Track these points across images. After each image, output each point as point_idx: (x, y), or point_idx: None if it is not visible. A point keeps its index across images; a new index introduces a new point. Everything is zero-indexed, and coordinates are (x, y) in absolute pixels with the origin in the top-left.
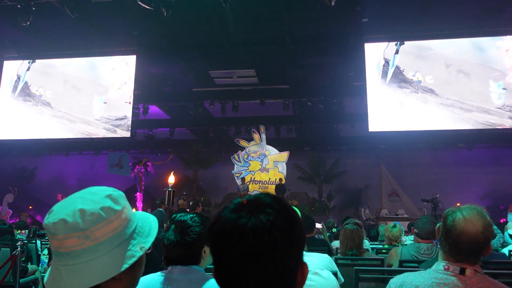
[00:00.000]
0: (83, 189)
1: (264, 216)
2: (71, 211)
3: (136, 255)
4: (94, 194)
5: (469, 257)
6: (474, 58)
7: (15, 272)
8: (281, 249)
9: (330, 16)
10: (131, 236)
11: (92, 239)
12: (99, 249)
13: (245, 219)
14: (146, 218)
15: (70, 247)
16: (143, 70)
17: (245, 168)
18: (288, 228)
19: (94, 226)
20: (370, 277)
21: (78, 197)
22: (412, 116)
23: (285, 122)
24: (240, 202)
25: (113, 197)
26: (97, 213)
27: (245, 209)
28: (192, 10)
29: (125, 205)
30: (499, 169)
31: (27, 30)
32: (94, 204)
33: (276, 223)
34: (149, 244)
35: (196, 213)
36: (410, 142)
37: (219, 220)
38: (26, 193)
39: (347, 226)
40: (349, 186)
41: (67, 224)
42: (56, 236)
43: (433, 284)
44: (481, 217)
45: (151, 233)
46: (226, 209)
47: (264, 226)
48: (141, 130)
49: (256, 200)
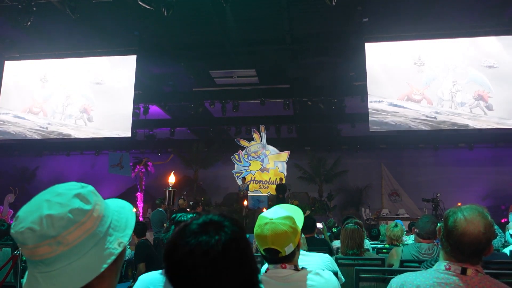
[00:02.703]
0: (50, 187)
1: (226, 234)
2: (38, 218)
3: (115, 252)
4: (60, 196)
5: (470, 258)
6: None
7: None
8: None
9: (331, 15)
10: (106, 232)
11: (65, 244)
12: (74, 253)
13: (213, 237)
14: (121, 208)
15: (43, 255)
16: (144, 70)
17: (246, 168)
18: (244, 244)
19: (65, 231)
20: (371, 277)
21: (43, 200)
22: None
23: (286, 122)
24: (195, 223)
25: (82, 196)
26: (66, 217)
27: (207, 228)
28: (192, 10)
29: (96, 201)
30: (500, 169)
31: (28, 30)
32: (62, 207)
33: (236, 244)
34: (128, 237)
35: (197, 213)
36: (411, 142)
37: (182, 242)
38: (27, 193)
39: (348, 225)
40: (350, 186)
41: (35, 233)
42: (25, 245)
43: (435, 284)
44: (482, 218)
45: (128, 225)
46: (188, 230)
47: (228, 247)
48: (141, 130)
49: (212, 220)
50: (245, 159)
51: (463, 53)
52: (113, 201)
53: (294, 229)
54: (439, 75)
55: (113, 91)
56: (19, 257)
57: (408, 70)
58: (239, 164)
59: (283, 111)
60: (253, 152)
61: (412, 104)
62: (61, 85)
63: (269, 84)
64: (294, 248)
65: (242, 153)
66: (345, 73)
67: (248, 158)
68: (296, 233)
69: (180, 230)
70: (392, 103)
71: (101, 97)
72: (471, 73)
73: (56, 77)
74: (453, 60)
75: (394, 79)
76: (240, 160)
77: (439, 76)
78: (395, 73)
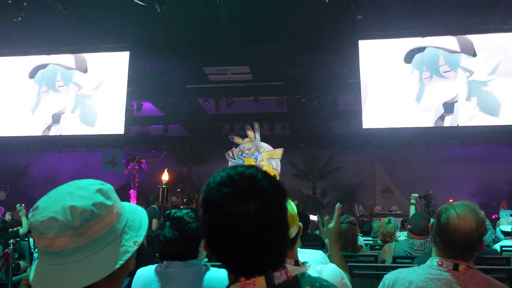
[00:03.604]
0: (69, 182)
1: (257, 200)
2: (61, 208)
3: (130, 250)
4: (83, 189)
5: (463, 254)
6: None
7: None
8: (281, 221)
9: (325, 13)
10: (123, 231)
11: (86, 237)
12: (93, 246)
13: (251, 205)
14: (135, 210)
15: (61, 246)
16: (137, 66)
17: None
18: (279, 207)
19: (87, 224)
20: (364, 273)
21: (66, 192)
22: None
23: (279, 119)
24: (230, 183)
25: (104, 192)
26: (89, 209)
27: (243, 193)
28: (186, 6)
29: (115, 199)
30: (491, 166)
31: (18, 26)
32: (85, 200)
33: (275, 200)
34: (142, 238)
35: (191, 208)
36: (404, 139)
37: (220, 208)
38: (19, 190)
39: (341, 225)
40: (343, 183)
41: (58, 223)
42: (46, 235)
43: (427, 279)
44: (474, 214)
45: (142, 226)
46: (222, 195)
47: (267, 208)
48: (134, 127)
49: (247, 178)
50: (239, 156)
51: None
52: (126, 203)
53: (294, 213)
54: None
55: (106, 88)
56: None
57: (402, 67)
58: (233, 161)
59: (277, 108)
60: (247, 149)
61: (406, 102)
62: (52, 81)
63: (263, 81)
64: (297, 231)
65: (236, 150)
66: (338, 70)
67: (242, 155)
68: (296, 218)
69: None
70: (385, 101)
71: (93, 94)
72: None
73: (47, 73)
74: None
75: (388, 77)
76: (234, 157)
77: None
78: (388, 71)
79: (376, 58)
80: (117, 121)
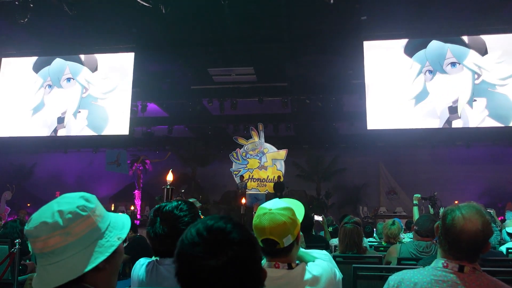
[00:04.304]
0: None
1: (233, 248)
2: (50, 213)
3: (114, 244)
4: (68, 198)
5: (468, 255)
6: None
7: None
8: (253, 268)
9: (329, 13)
10: (106, 229)
11: (73, 235)
12: (80, 243)
13: (220, 259)
14: (118, 215)
15: (54, 245)
16: (141, 67)
17: (244, 166)
18: (252, 248)
19: (73, 223)
20: (369, 275)
21: (53, 202)
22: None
23: (284, 120)
24: (200, 242)
25: (86, 198)
26: (74, 211)
27: (212, 249)
28: (190, 7)
29: (97, 204)
30: (497, 167)
31: (25, 27)
32: (70, 204)
33: (244, 251)
34: (125, 235)
35: (181, 201)
36: (409, 140)
37: (191, 267)
38: (24, 190)
39: (346, 225)
40: (347, 184)
41: (48, 225)
42: (39, 238)
43: (432, 281)
44: (480, 215)
45: (125, 226)
46: (193, 255)
47: (237, 260)
48: (139, 128)
49: (216, 233)
50: (243, 157)
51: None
52: (109, 212)
53: (293, 220)
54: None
55: (111, 88)
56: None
57: (406, 67)
58: (237, 162)
59: (281, 109)
60: (251, 150)
61: (411, 103)
62: (57, 82)
63: (267, 82)
64: (293, 240)
65: (240, 151)
66: (343, 71)
67: (246, 156)
68: (296, 225)
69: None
70: (390, 101)
71: (99, 95)
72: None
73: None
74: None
75: (392, 77)
76: (238, 158)
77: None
78: (393, 71)
79: (381, 58)
80: (122, 122)
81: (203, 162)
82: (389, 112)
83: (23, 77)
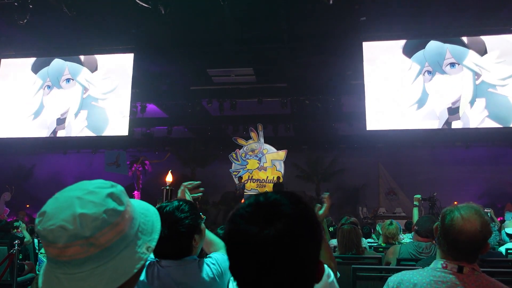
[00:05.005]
0: (76, 184)
1: (283, 225)
2: (70, 216)
3: (143, 257)
4: (93, 194)
5: (467, 256)
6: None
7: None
8: (302, 255)
9: (328, 14)
10: (135, 236)
11: (97, 246)
12: (104, 255)
13: (267, 230)
14: (147, 211)
15: (72, 256)
16: (141, 68)
17: (243, 167)
18: (307, 232)
19: (98, 232)
20: (368, 276)
21: (75, 197)
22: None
23: (283, 121)
24: (254, 208)
25: (116, 196)
26: (101, 217)
27: (261, 218)
28: (190, 8)
29: (127, 202)
30: (496, 168)
31: (24, 27)
32: (96, 207)
33: (295, 232)
34: (155, 242)
35: (182, 201)
36: (408, 141)
37: (237, 232)
38: (24, 191)
39: (343, 226)
40: (347, 185)
41: (68, 232)
42: (55, 244)
43: (431, 282)
44: (478, 216)
45: (155, 229)
46: (241, 217)
47: (283, 237)
48: (138, 129)
49: (272, 204)
50: (243, 158)
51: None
52: (137, 203)
53: None
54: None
55: (110, 89)
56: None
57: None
58: (237, 162)
59: (281, 109)
60: (250, 151)
61: (410, 103)
62: (57, 83)
63: (266, 83)
64: None
65: (240, 152)
66: (342, 72)
67: (246, 156)
68: None
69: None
70: (389, 102)
71: (98, 95)
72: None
73: (52, 74)
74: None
75: (392, 78)
76: (237, 158)
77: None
78: (392, 72)
79: (380, 59)
80: (121, 123)
81: (202, 162)
82: (388, 112)
83: (22, 78)
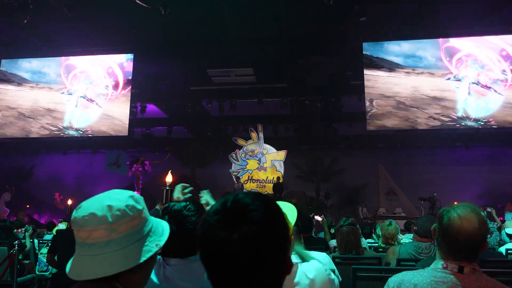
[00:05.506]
0: (107, 191)
1: (248, 227)
2: (100, 206)
3: (152, 250)
4: (119, 194)
5: (467, 255)
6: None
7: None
8: (268, 254)
9: (328, 15)
10: (148, 234)
11: (117, 232)
12: (122, 242)
13: (233, 233)
14: (160, 221)
15: (97, 238)
16: (141, 68)
17: (243, 167)
18: (273, 232)
19: (119, 221)
20: (368, 276)
21: (104, 196)
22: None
23: (283, 121)
24: (221, 211)
25: (135, 198)
26: (123, 209)
27: (228, 221)
28: (189, 8)
29: (144, 206)
30: (496, 168)
31: (24, 28)
32: (120, 202)
33: (261, 233)
34: (163, 242)
35: (190, 201)
36: (408, 141)
37: (206, 234)
38: (24, 192)
39: (342, 228)
40: (347, 185)
41: (97, 217)
42: (85, 227)
43: (432, 282)
44: (475, 214)
45: (164, 233)
46: (210, 223)
47: (250, 240)
48: (138, 129)
49: (238, 207)
50: (243, 158)
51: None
52: (153, 216)
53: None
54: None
55: (110, 89)
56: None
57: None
58: (237, 163)
59: (281, 110)
60: (250, 151)
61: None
62: (57, 83)
63: (266, 83)
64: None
65: (240, 152)
66: (342, 72)
67: (246, 157)
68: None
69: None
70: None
71: (98, 96)
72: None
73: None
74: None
75: (391, 79)
76: (237, 159)
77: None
78: (392, 72)
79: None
80: (121, 123)
81: (202, 163)
82: (388, 113)
83: (22, 78)
